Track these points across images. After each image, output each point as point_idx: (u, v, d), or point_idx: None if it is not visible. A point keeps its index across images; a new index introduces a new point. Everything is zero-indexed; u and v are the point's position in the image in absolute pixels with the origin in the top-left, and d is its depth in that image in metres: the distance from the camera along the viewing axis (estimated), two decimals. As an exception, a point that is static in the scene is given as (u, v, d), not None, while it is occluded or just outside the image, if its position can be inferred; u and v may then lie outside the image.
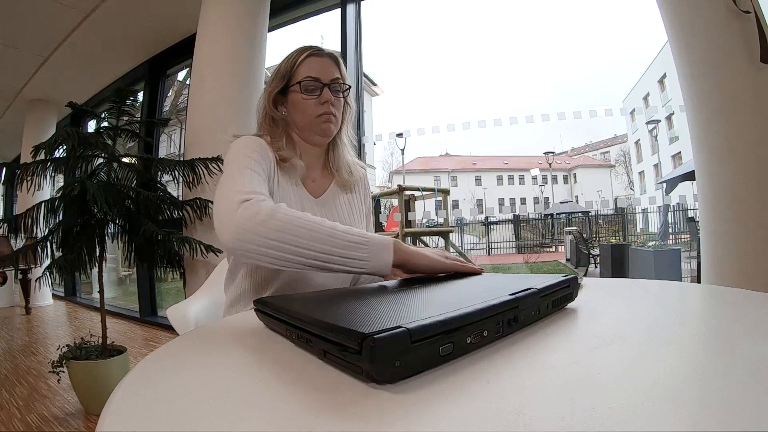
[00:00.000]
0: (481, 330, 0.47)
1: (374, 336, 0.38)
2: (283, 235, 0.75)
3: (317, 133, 1.11)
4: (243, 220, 0.76)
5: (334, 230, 0.78)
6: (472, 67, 33.24)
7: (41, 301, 6.81)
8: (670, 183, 6.28)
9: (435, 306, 0.54)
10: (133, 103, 3.15)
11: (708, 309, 0.72)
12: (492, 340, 0.49)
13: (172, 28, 4.61)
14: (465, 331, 0.45)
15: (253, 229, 0.75)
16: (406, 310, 0.51)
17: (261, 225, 0.75)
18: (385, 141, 16.38)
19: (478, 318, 0.47)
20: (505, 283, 0.68)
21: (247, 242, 0.76)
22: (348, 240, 0.77)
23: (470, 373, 0.41)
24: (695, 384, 0.36)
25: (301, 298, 0.69)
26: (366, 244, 0.78)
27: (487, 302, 0.50)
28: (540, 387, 0.37)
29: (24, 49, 4.84)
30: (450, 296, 0.65)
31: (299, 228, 0.76)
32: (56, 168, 2.76)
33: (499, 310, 0.50)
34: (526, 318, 0.56)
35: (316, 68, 1.09)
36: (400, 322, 0.42)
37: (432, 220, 9.62)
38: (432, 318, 0.43)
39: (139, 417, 0.37)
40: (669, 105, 9.93)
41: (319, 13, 4.22)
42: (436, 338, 0.42)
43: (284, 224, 0.76)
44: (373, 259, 0.78)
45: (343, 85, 1.13)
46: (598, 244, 7.50)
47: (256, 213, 0.76)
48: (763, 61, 1.91)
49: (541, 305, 0.59)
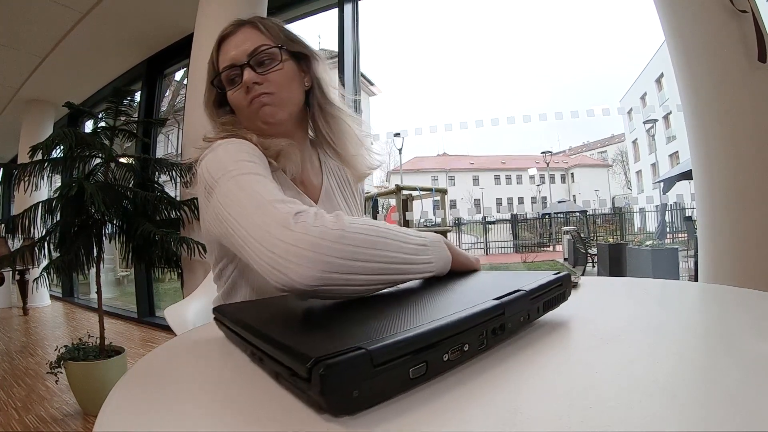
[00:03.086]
0: (461, 344, 0.41)
1: (325, 361, 0.31)
2: (367, 252, 0.55)
3: (262, 124, 0.89)
4: (315, 242, 0.53)
5: (400, 233, 0.62)
6: (470, 67, 33.27)
7: (39, 301, 6.78)
8: (667, 182, 6.29)
9: (408, 316, 0.45)
10: (131, 103, 3.14)
11: (705, 308, 0.72)
12: (474, 355, 0.43)
13: (170, 27, 4.59)
14: (441, 347, 0.38)
15: (331, 252, 0.52)
16: (375, 321, 0.44)
17: (338, 243, 0.53)
18: (383, 141, 16.38)
19: (456, 331, 0.40)
20: (491, 283, 0.62)
21: (332, 271, 0.52)
22: (414, 242, 0.63)
23: (468, 373, 0.41)
24: (693, 383, 0.36)
25: (266, 305, 0.61)
26: (427, 244, 0.65)
27: (467, 310, 0.43)
28: (537, 386, 0.37)
29: (21, 49, 4.82)
30: (427, 303, 0.54)
31: (380, 239, 0.57)
32: (53, 168, 2.75)
33: (482, 318, 0.44)
34: (515, 326, 0.49)
35: (231, 53, 0.88)
36: (363, 339, 0.36)
37: (430, 219, 9.64)
38: (400, 334, 0.37)
39: (136, 417, 0.37)
40: (666, 104, 9.96)
41: (316, 13, 4.22)
42: (405, 359, 0.35)
43: (365, 237, 0.56)
44: (437, 259, 0.66)
45: (269, 51, 0.88)
46: (596, 244, 7.51)
47: (326, 228, 0.54)
48: (760, 61, 1.92)
49: (531, 309, 0.52)
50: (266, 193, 0.65)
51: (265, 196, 0.64)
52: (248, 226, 0.60)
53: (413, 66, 34.97)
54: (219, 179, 0.71)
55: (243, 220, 0.62)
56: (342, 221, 0.56)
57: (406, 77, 33.33)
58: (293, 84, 0.91)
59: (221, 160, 0.75)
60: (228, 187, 0.69)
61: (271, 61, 0.88)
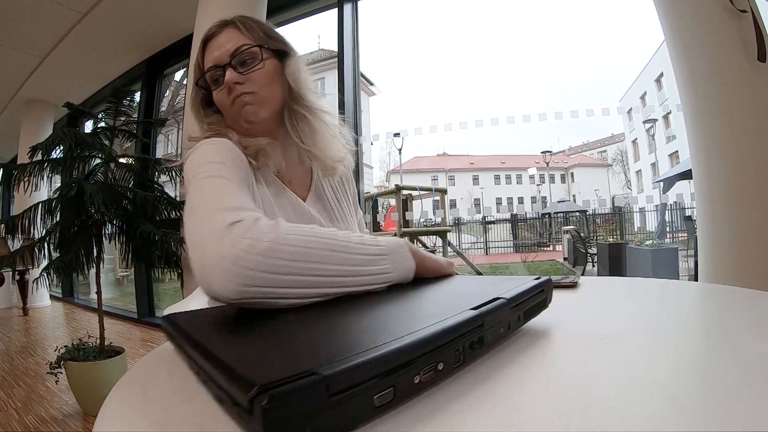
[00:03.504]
0: (435, 363, 0.36)
1: (270, 391, 0.26)
2: (300, 265, 0.54)
3: (245, 123, 0.89)
4: (238, 254, 0.52)
5: (351, 243, 0.60)
6: (470, 67, 33.29)
7: (39, 302, 6.78)
8: (667, 182, 6.29)
9: (373, 330, 0.41)
10: (130, 103, 3.14)
11: (705, 307, 0.72)
12: (450, 373, 0.38)
13: (169, 28, 4.59)
14: (412, 368, 0.33)
15: (255, 264, 0.51)
16: (333, 337, 0.40)
17: (266, 257, 0.52)
18: (383, 140, 16.38)
19: (429, 348, 0.35)
20: (467, 290, 0.59)
21: (253, 285, 0.51)
22: (369, 252, 0.61)
23: (467, 373, 0.41)
24: (692, 383, 0.36)
25: (223, 314, 0.55)
26: (386, 252, 0.63)
27: (441, 323, 0.38)
28: (536, 386, 0.37)
29: (21, 50, 4.82)
30: (395, 314, 0.49)
31: (318, 251, 0.56)
32: (53, 169, 2.75)
33: (459, 332, 0.39)
34: (494, 338, 0.45)
35: (215, 53, 0.88)
36: (318, 360, 0.30)
37: (429, 219, 9.63)
38: (362, 354, 0.31)
39: (136, 417, 0.37)
40: (666, 104, 9.96)
41: (316, 13, 4.22)
42: (369, 384, 0.30)
43: (298, 250, 0.54)
44: (396, 268, 0.64)
45: (250, 51, 0.88)
46: (596, 243, 7.51)
47: (256, 240, 0.53)
48: (760, 60, 1.92)
49: (511, 319, 0.48)
50: (218, 199, 0.64)
51: (216, 201, 0.63)
52: (190, 230, 0.60)
53: (413, 66, 35.01)
54: (190, 180, 0.72)
55: (189, 223, 0.61)
56: (276, 233, 0.55)
57: (406, 77, 33.38)
58: (274, 83, 0.91)
59: (196, 161, 0.75)
60: (192, 188, 0.70)
61: (253, 61, 0.88)
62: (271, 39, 0.92)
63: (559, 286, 0.85)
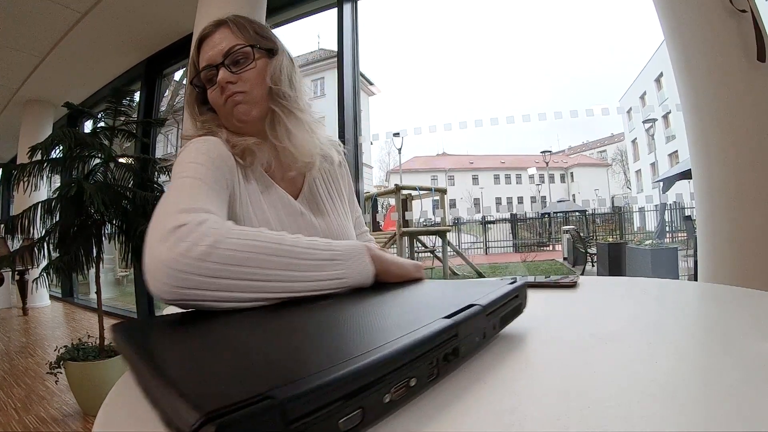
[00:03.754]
0: (407, 379, 0.33)
1: (218, 420, 0.22)
2: (236, 270, 0.54)
3: (237, 122, 0.90)
4: (174, 257, 0.53)
5: (299, 248, 0.60)
6: (470, 67, 33.28)
7: (38, 302, 6.78)
8: (666, 182, 6.29)
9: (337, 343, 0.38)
10: (130, 103, 3.14)
11: (705, 307, 0.72)
12: (423, 388, 0.35)
13: (169, 27, 4.59)
14: (382, 386, 0.30)
15: (189, 268, 0.52)
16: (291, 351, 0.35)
17: (201, 260, 0.53)
18: (382, 140, 16.38)
19: (401, 363, 0.32)
20: (438, 297, 0.56)
21: (188, 288, 0.52)
22: (318, 258, 0.61)
23: (465, 372, 0.41)
24: (692, 382, 0.36)
25: (175, 323, 0.51)
26: (339, 257, 0.63)
27: (413, 335, 0.35)
28: (534, 386, 0.37)
29: (20, 50, 4.81)
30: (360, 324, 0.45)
31: (257, 256, 0.56)
32: (53, 168, 2.75)
33: (433, 344, 0.36)
34: (469, 348, 0.42)
35: (209, 53, 0.90)
36: (273, 379, 0.27)
37: (429, 219, 9.63)
38: (325, 374, 0.27)
39: (136, 417, 0.37)
40: (665, 104, 9.95)
41: (315, 13, 4.22)
42: (333, 407, 0.27)
43: (232, 255, 0.55)
44: (352, 272, 0.63)
45: (242, 51, 0.89)
46: (595, 243, 7.51)
47: (193, 244, 0.54)
48: (759, 60, 1.92)
49: (487, 327, 0.45)
50: (178, 201, 0.65)
51: (174, 203, 0.64)
52: (149, 229, 0.60)
53: (413, 65, 35.00)
54: (172, 179, 0.74)
55: (151, 222, 0.62)
56: (215, 237, 0.55)
57: (406, 77, 33.38)
58: (266, 82, 0.91)
59: (179, 161, 0.77)
60: (168, 188, 0.72)
61: (245, 60, 0.89)
62: (262, 38, 0.93)
63: (559, 286, 0.85)
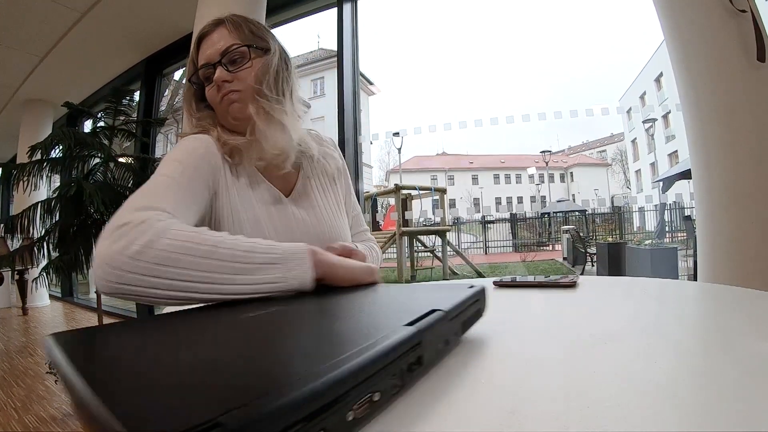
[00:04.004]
0: (371, 394, 0.30)
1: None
2: (167, 270, 0.57)
3: (232, 120, 0.92)
4: (109, 254, 0.57)
5: (236, 250, 0.62)
6: (469, 66, 33.28)
7: (38, 301, 6.78)
8: (666, 181, 6.30)
9: (291, 356, 0.34)
10: (130, 102, 3.14)
11: (704, 307, 0.72)
12: (387, 401, 0.33)
13: (169, 27, 4.59)
14: (343, 404, 0.27)
15: (124, 265, 0.56)
16: (244, 369, 0.31)
17: (135, 259, 0.56)
18: (382, 140, 16.42)
19: (364, 376, 0.29)
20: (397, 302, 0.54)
21: (120, 283, 0.56)
22: (255, 261, 0.62)
23: (462, 373, 0.41)
24: (691, 383, 0.36)
25: (114, 334, 0.46)
26: (277, 260, 0.63)
27: (377, 346, 0.32)
28: (534, 386, 0.37)
29: (20, 49, 4.81)
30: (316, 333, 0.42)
31: (188, 257, 0.58)
32: (52, 168, 2.76)
33: (396, 354, 0.33)
34: (431, 356, 0.40)
35: (207, 51, 0.92)
36: (222, 400, 0.23)
37: (429, 219, 9.64)
38: (282, 397, 0.24)
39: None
40: (665, 104, 9.96)
41: (315, 13, 4.22)
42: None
43: (166, 255, 0.57)
44: (291, 276, 0.63)
45: (239, 50, 0.90)
46: (595, 243, 7.52)
47: (130, 242, 0.57)
48: (759, 60, 1.92)
49: (449, 334, 0.44)
50: (138, 198, 0.69)
51: (134, 200, 0.68)
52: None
53: (412, 65, 35.00)
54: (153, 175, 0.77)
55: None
56: (150, 237, 0.58)
57: (406, 76, 33.39)
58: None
59: (164, 158, 0.82)
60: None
61: (242, 60, 0.91)
62: (257, 38, 0.94)
63: (559, 286, 0.85)
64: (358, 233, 1.14)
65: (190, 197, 0.76)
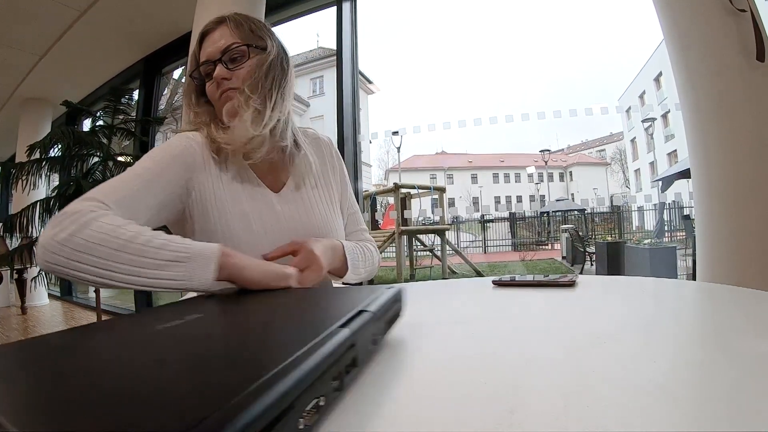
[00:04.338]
0: (317, 399, 0.29)
1: None
2: (87, 257, 0.64)
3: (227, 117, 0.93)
4: (45, 238, 0.65)
5: (148, 247, 0.66)
6: (469, 65, 33.31)
7: (37, 300, 6.77)
8: (665, 181, 6.30)
9: (228, 366, 0.31)
10: (129, 101, 3.14)
11: (703, 306, 0.73)
12: (330, 405, 0.32)
13: (168, 26, 4.58)
14: (293, 414, 0.25)
15: (53, 248, 0.64)
16: (186, 383, 0.28)
17: (63, 244, 0.64)
18: (381, 139, 16.40)
19: (309, 382, 0.28)
20: (322, 305, 0.55)
21: (50, 262, 0.65)
22: (162, 258, 0.67)
23: (462, 372, 0.41)
24: (691, 382, 0.37)
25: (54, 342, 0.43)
26: (182, 260, 0.67)
27: (318, 353, 0.31)
28: (533, 386, 0.37)
29: (19, 48, 4.80)
30: (244, 340, 0.40)
31: (104, 248, 0.65)
32: (51, 167, 2.76)
33: (336, 356, 0.32)
34: (363, 356, 0.40)
35: (208, 49, 0.94)
36: (168, 421, 0.21)
37: (428, 218, 9.64)
38: (229, 411, 0.21)
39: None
40: (665, 103, 9.96)
41: (315, 11, 4.21)
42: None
43: (86, 244, 0.64)
44: (194, 276, 0.67)
45: (239, 49, 0.92)
46: (594, 242, 7.53)
47: (61, 230, 0.65)
48: (758, 60, 1.92)
49: (378, 334, 0.44)
50: (97, 189, 0.75)
51: (93, 190, 0.75)
52: None
53: (412, 64, 34.99)
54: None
55: None
56: (75, 227, 0.65)
57: (405, 75, 33.40)
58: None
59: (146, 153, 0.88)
60: None
61: (241, 58, 0.93)
62: (256, 37, 0.96)
63: (558, 285, 0.85)
64: (354, 232, 1.14)
65: (148, 193, 0.80)
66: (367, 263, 1.06)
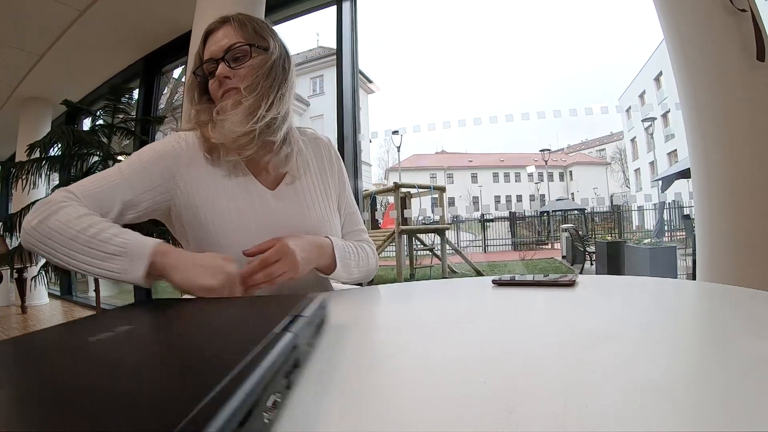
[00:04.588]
0: (275, 395, 0.31)
1: None
2: (51, 243, 0.74)
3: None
4: (25, 222, 0.76)
5: (94, 239, 0.73)
6: (469, 64, 33.31)
7: (37, 300, 6.76)
8: (665, 180, 6.30)
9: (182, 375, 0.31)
10: (129, 100, 3.14)
11: (703, 306, 0.73)
12: (283, 403, 0.34)
13: (168, 25, 4.58)
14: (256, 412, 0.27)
15: (27, 231, 0.75)
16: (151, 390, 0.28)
17: (34, 229, 0.75)
18: (381, 138, 16.41)
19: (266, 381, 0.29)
20: (260, 309, 0.58)
21: (27, 243, 0.76)
22: (105, 250, 0.73)
23: (461, 371, 0.41)
24: (690, 382, 0.37)
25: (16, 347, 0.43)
26: (121, 254, 0.73)
27: (267, 356, 0.31)
28: (532, 385, 0.37)
29: (19, 47, 4.80)
30: (193, 350, 0.40)
31: (61, 236, 0.73)
32: (51, 166, 2.76)
33: (285, 356, 0.35)
34: (304, 356, 0.43)
35: (212, 48, 0.96)
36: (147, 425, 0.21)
37: (428, 217, 9.64)
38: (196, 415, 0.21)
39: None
40: (665, 103, 9.96)
41: (315, 11, 4.20)
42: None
43: (50, 231, 0.74)
44: (128, 271, 0.73)
45: (241, 48, 0.94)
46: (594, 242, 7.52)
47: (35, 216, 0.75)
48: (759, 59, 1.92)
49: (311, 336, 0.48)
50: (77, 183, 0.83)
51: (76, 183, 0.83)
52: None
53: (412, 63, 34.99)
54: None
55: None
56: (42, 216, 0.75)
57: (405, 74, 33.41)
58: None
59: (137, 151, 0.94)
60: None
61: (244, 57, 0.95)
62: (260, 37, 0.98)
63: (558, 285, 0.85)
64: (352, 232, 1.14)
65: (126, 188, 0.86)
66: (361, 262, 1.05)
